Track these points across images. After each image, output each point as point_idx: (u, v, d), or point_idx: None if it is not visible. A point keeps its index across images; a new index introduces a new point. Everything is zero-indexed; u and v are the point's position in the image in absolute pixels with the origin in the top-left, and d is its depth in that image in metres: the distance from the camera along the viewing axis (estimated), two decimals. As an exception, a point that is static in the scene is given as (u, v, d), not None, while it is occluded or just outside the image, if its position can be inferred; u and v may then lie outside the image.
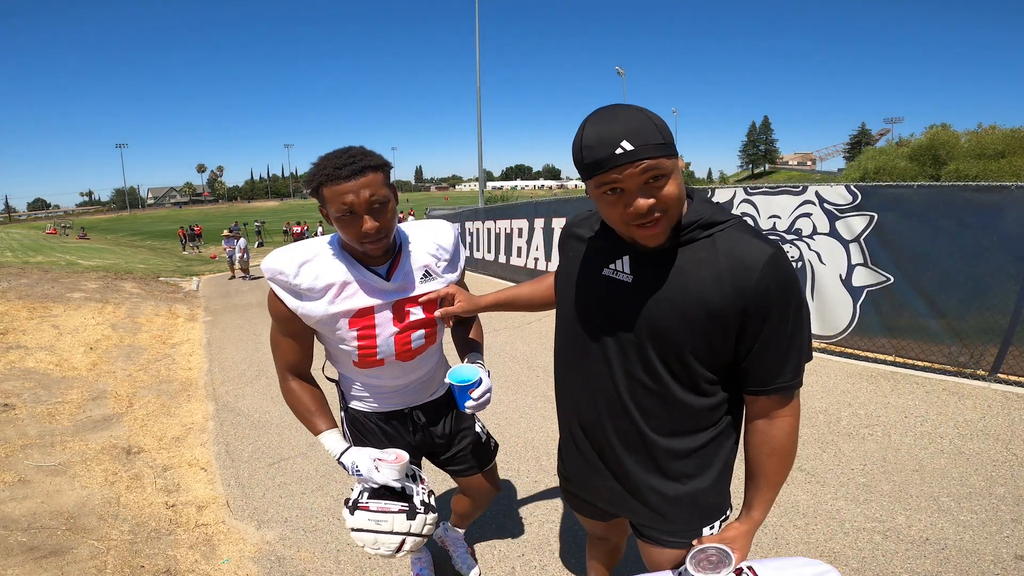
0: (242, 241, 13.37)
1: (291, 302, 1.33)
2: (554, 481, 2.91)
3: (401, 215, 24.05)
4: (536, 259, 8.70)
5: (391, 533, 1.40)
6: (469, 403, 1.35)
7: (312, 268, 1.32)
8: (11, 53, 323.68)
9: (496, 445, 1.88)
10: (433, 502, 1.48)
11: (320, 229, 23.53)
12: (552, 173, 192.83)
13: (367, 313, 1.37)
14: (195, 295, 11.25)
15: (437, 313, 1.48)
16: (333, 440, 1.45)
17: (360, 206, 1.21)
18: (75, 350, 5.75)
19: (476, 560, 2.24)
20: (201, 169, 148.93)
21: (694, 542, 1.13)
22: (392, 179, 1.32)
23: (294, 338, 1.42)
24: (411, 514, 1.42)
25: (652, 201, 0.89)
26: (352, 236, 1.26)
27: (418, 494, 1.45)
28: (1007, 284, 3.93)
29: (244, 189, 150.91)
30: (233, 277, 13.54)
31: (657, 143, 0.87)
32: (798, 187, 4.99)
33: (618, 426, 1.11)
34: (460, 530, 2.18)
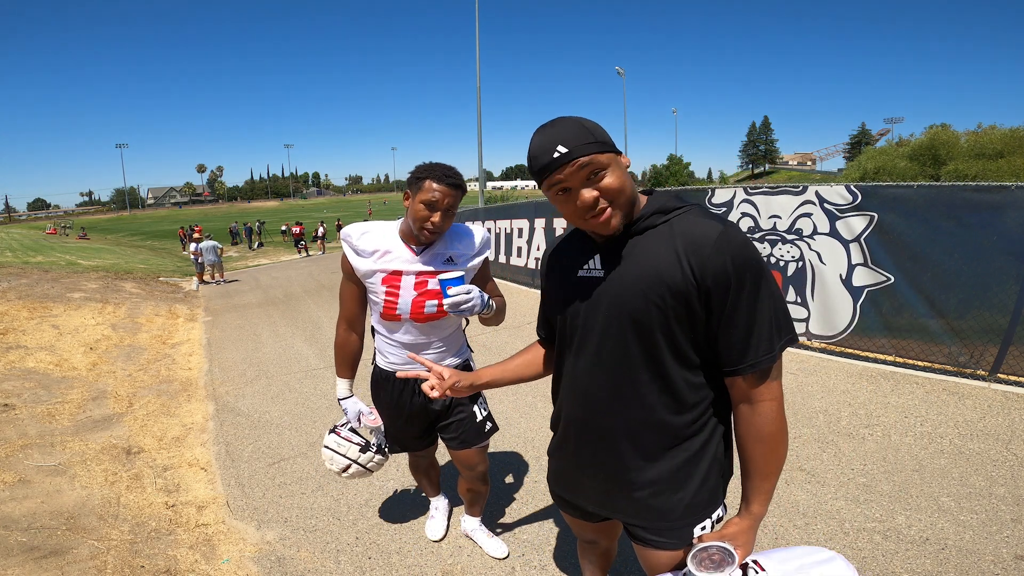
0: (207, 244, 12.75)
1: (351, 256, 1.82)
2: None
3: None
4: (537, 259, 8.70)
5: (344, 456, 1.99)
6: (446, 300, 1.56)
7: (369, 236, 1.81)
8: (11, 53, 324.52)
9: (492, 429, 2.10)
10: (387, 452, 2.06)
11: (321, 230, 23.46)
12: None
13: (396, 275, 1.80)
14: (195, 295, 11.26)
15: (433, 392, 1.30)
16: (343, 387, 2.02)
17: (440, 204, 1.67)
18: (75, 350, 5.75)
19: (502, 541, 2.35)
20: (201, 169, 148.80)
21: (694, 540, 1.11)
22: (391, 180, 1.63)
23: (350, 290, 1.90)
24: (364, 449, 2.00)
25: (596, 193, 1.01)
26: (420, 219, 1.68)
27: (378, 441, 2.03)
28: (1007, 284, 3.93)
29: (244, 189, 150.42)
30: (202, 282, 12.80)
31: (588, 142, 0.99)
32: (798, 187, 4.99)
33: (603, 422, 1.14)
34: (476, 518, 2.38)
